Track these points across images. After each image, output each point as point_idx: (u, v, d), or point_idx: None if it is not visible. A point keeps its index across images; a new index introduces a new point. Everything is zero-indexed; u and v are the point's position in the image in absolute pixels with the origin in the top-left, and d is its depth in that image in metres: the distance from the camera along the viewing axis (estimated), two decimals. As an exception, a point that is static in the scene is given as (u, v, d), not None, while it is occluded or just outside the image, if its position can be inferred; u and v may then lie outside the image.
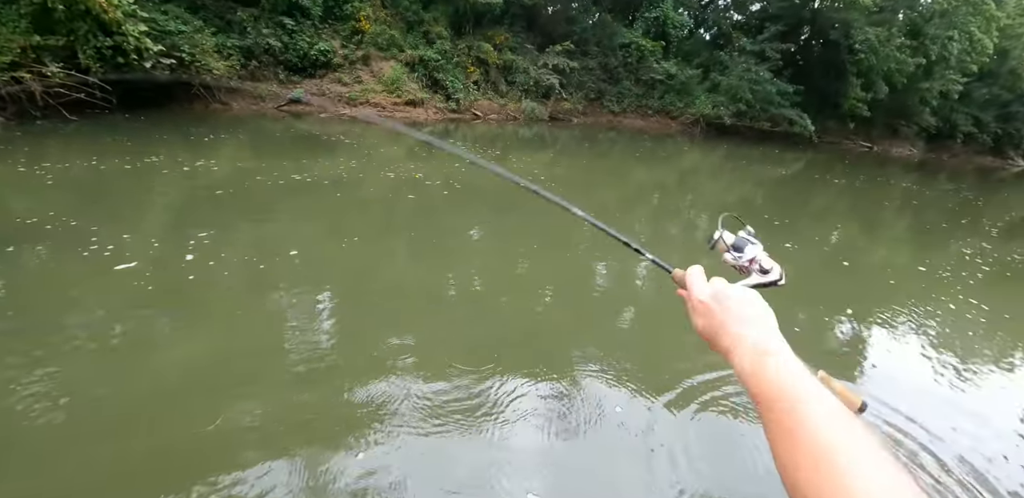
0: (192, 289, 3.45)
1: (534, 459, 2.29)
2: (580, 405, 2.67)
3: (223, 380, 2.61)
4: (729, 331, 0.53)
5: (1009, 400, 3.35)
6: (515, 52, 17.44)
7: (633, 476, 2.26)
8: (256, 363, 2.77)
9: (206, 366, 2.70)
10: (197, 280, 3.54)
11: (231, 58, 11.98)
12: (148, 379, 2.55)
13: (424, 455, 2.22)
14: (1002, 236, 8.68)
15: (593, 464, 2.32)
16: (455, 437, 2.34)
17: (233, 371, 2.69)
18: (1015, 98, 25.22)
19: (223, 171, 6.57)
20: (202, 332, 3.03)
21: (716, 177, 11.86)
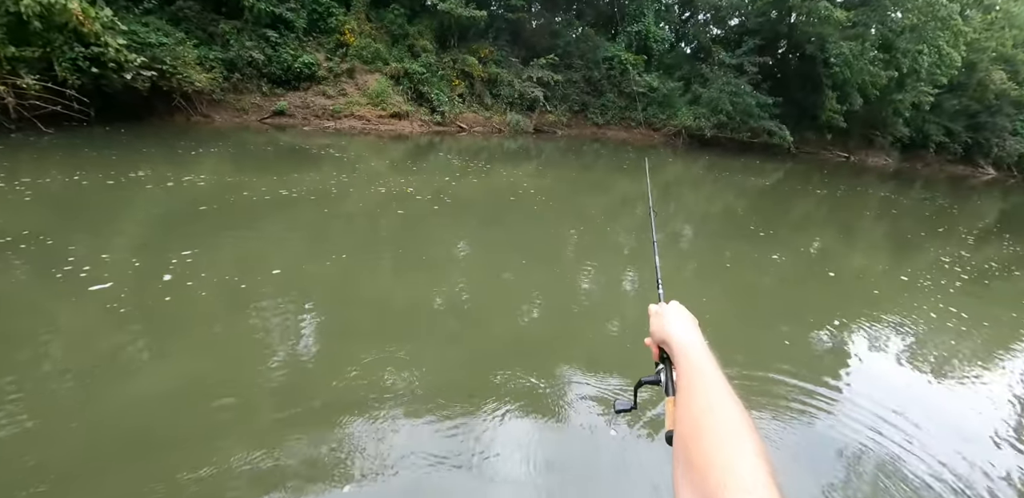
0: (168, 311, 3.32)
1: (527, 491, 2.24)
2: (573, 430, 2.63)
3: (201, 408, 2.52)
4: (665, 328, 0.80)
5: (985, 404, 3.41)
6: (500, 65, 17.62)
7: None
8: (235, 389, 2.67)
9: (182, 394, 2.60)
10: (174, 301, 3.43)
11: (213, 70, 11.91)
12: (118, 410, 2.45)
13: (413, 483, 2.17)
14: (978, 243, 8.92)
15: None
16: (444, 468, 2.27)
17: (211, 397, 2.59)
18: (983, 109, 26.16)
19: (206, 186, 6.46)
20: (176, 358, 2.91)
21: (698, 188, 12.03)
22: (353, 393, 2.70)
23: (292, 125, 12.93)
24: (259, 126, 12.33)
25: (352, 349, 3.21)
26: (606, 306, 4.39)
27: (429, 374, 2.98)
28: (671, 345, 0.76)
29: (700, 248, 6.86)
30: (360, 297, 3.98)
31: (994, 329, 4.78)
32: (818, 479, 2.52)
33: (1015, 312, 5.39)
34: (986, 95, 25.78)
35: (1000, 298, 6.01)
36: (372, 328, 3.51)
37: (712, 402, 0.59)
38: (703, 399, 0.60)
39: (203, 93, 11.65)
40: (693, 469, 0.52)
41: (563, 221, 7.02)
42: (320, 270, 4.28)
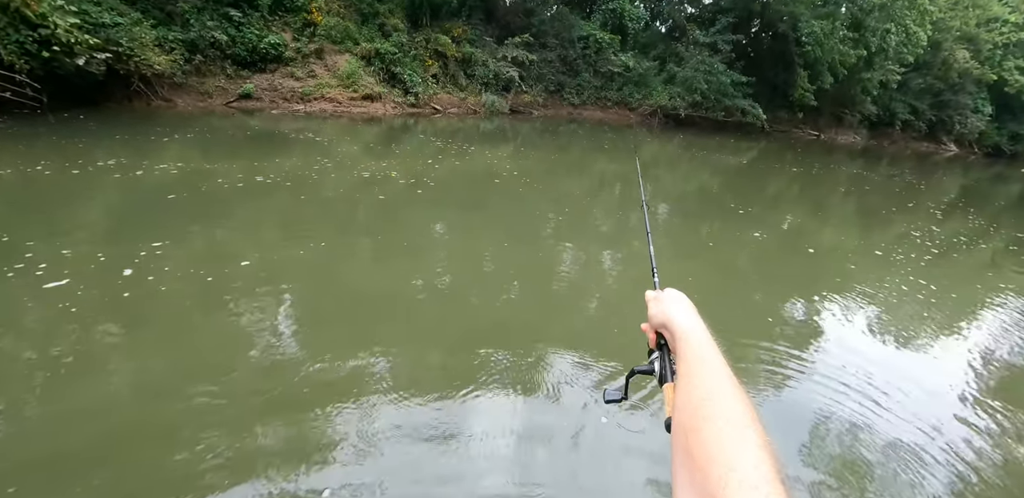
0: (126, 308, 3.15)
1: (518, 470, 2.25)
2: (558, 409, 2.67)
3: (172, 399, 2.46)
4: (666, 312, 0.78)
5: (947, 368, 3.65)
6: (474, 45, 17.27)
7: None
8: (207, 381, 2.61)
9: (150, 388, 2.53)
10: (133, 297, 3.25)
11: (173, 52, 11.37)
12: (84, 408, 2.35)
13: (398, 468, 2.18)
14: (945, 218, 9.30)
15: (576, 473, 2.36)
16: (427, 450, 2.28)
17: (182, 389, 2.53)
18: (947, 87, 26.86)
19: (170, 174, 6.22)
20: (138, 354, 2.80)
21: (675, 167, 12.15)
22: (332, 379, 2.69)
23: (260, 109, 12.50)
24: (225, 110, 11.88)
25: (333, 335, 3.20)
26: (593, 288, 4.46)
27: (411, 358, 3.01)
28: (672, 329, 0.73)
29: (682, 227, 6.96)
30: (340, 284, 3.94)
31: (960, 300, 5.06)
32: (796, 439, 2.67)
33: (979, 283, 5.70)
34: (950, 74, 26.44)
35: (966, 270, 6.31)
36: (352, 314, 3.50)
37: (712, 390, 0.56)
38: (704, 386, 0.57)
39: (163, 76, 11.14)
40: (693, 462, 0.49)
41: (547, 203, 7.03)
42: (295, 258, 4.19)
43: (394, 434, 2.34)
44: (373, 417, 2.43)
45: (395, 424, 2.41)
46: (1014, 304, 5.11)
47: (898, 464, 2.54)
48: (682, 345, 0.68)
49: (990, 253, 7.28)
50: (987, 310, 4.90)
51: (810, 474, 2.44)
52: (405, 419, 2.44)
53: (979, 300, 5.15)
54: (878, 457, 2.58)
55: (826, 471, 2.47)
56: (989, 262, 6.89)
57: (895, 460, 2.57)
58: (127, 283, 3.42)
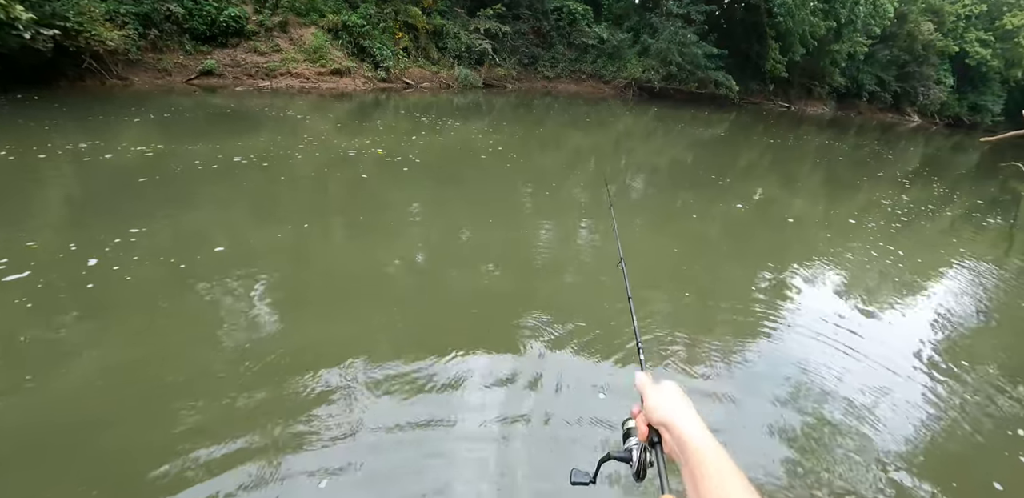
0: (90, 299, 3.01)
1: (503, 447, 2.26)
2: (540, 380, 2.73)
3: (145, 390, 2.40)
4: (671, 413, 0.72)
5: (910, 326, 3.94)
6: (445, 16, 16.78)
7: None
8: (180, 369, 2.53)
9: (120, 380, 2.45)
10: (98, 289, 3.11)
11: (126, 27, 10.76)
12: (53, 401, 2.26)
13: (384, 450, 2.17)
14: (913, 186, 9.70)
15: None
16: (415, 429, 2.28)
17: (155, 380, 2.45)
18: (912, 59, 27.40)
19: (134, 157, 5.95)
20: (104, 347, 2.68)
21: (649, 139, 12.25)
22: (312, 358, 2.66)
23: (223, 86, 12.01)
24: (186, 88, 11.38)
25: (316, 316, 3.24)
26: (570, 259, 4.58)
27: (394, 338, 3.07)
28: (681, 438, 0.67)
29: (663, 200, 7.09)
30: (322, 265, 3.92)
31: (925, 264, 5.42)
32: (772, 392, 2.87)
33: (943, 249, 6.06)
34: (914, 45, 26.92)
35: (931, 235, 6.67)
36: (335, 293, 3.51)
37: None
38: None
39: (117, 53, 10.55)
40: None
41: (524, 178, 7.07)
42: (272, 241, 4.11)
43: (374, 419, 2.32)
44: (353, 401, 2.40)
45: (375, 409, 2.38)
46: (973, 266, 5.48)
47: (861, 414, 2.76)
48: (693, 457, 0.63)
49: (952, 219, 7.69)
50: (949, 272, 5.24)
51: (783, 426, 2.62)
52: (387, 404, 2.42)
53: (942, 263, 5.50)
54: (843, 407, 2.79)
55: (797, 425, 2.65)
56: (950, 228, 7.28)
57: (859, 410, 2.79)
58: (92, 274, 3.25)
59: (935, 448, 2.57)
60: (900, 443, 2.56)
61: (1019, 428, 2.76)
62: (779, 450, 2.43)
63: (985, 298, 4.71)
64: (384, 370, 2.64)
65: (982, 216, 8.08)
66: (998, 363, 3.49)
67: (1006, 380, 3.25)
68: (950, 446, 2.61)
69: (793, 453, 2.42)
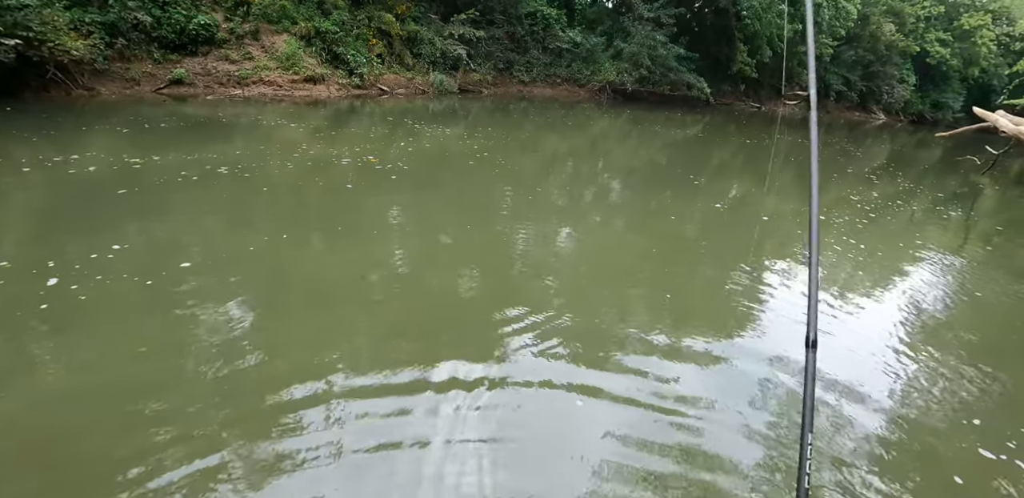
0: (51, 321, 2.87)
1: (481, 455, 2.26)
2: (526, 388, 2.74)
3: (116, 410, 2.35)
4: None
5: (876, 317, 4.08)
6: (419, 22, 16.83)
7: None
8: (155, 389, 2.46)
9: (91, 401, 2.41)
10: (54, 308, 2.97)
11: (92, 36, 10.56)
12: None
13: (363, 465, 2.14)
14: (881, 182, 10.04)
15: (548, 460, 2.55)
16: (395, 445, 2.25)
17: (128, 400, 2.39)
18: (876, 59, 28.33)
19: (100, 169, 5.80)
20: (67, 369, 2.58)
21: (625, 141, 12.45)
22: (292, 380, 2.59)
23: (194, 95, 11.85)
24: (155, 97, 11.21)
25: (302, 329, 3.25)
26: (553, 261, 4.64)
27: (376, 348, 3.11)
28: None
29: (640, 201, 7.18)
30: (300, 276, 3.90)
31: (890, 257, 5.63)
32: (744, 388, 2.95)
33: (906, 241, 6.31)
34: (878, 46, 27.85)
35: (897, 230, 6.91)
36: (317, 305, 3.54)
37: None
38: None
39: (83, 63, 10.35)
40: None
41: (504, 182, 7.14)
42: (241, 256, 4.05)
43: (358, 431, 2.30)
44: (335, 416, 2.38)
45: (359, 419, 2.37)
46: (934, 258, 5.72)
47: (835, 405, 2.87)
48: None
49: (916, 213, 7.99)
50: (912, 264, 5.46)
51: (760, 417, 2.71)
52: (370, 413, 2.41)
53: (906, 256, 5.72)
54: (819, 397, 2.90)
55: (774, 413, 2.75)
56: (915, 221, 7.56)
57: (832, 402, 2.89)
58: (50, 295, 3.09)
59: (898, 440, 2.68)
60: (862, 436, 2.65)
61: (975, 418, 2.88)
62: (748, 446, 2.49)
63: (946, 288, 4.92)
64: (363, 381, 2.65)
65: (944, 209, 8.42)
66: (960, 349, 3.66)
67: (968, 366, 3.41)
68: (912, 437, 2.72)
69: (761, 449, 2.48)
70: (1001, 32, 31.28)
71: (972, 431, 2.76)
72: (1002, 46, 31.74)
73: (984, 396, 3.07)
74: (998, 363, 3.47)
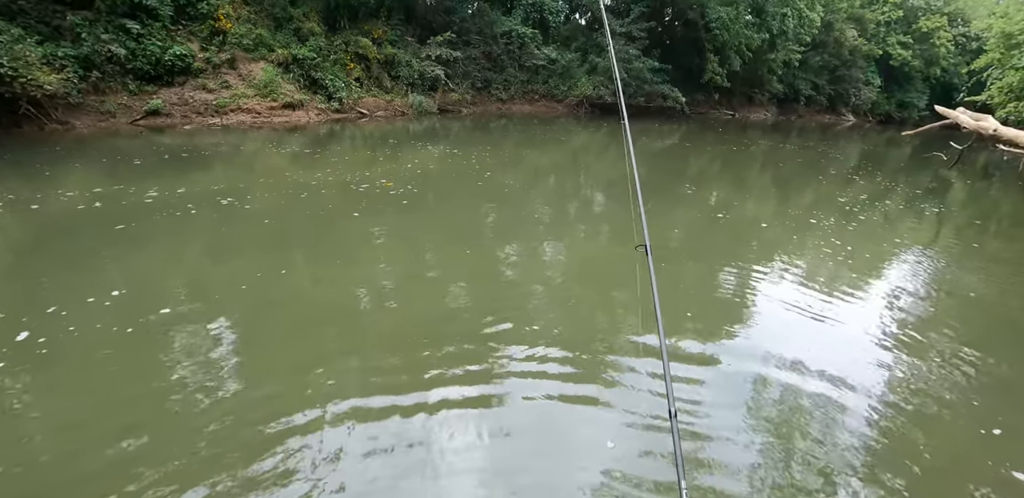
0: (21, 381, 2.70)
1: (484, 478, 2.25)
2: (515, 405, 2.73)
3: (102, 448, 2.33)
4: None
5: (862, 313, 4.17)
6: (395, 46, 17.04)
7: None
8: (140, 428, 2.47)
9: (72, 445, 2.36)
10: (38, 350, 2.87)
11: (65, 70, 10.51)
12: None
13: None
14: (865, 181, 10.35)
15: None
16: (395, 468, 2.24)
17: (112, 439, 2.35)
18: (841, 63, 29.33)
19: (75, 204, 5.70)
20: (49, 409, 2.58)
21: (604, 154, 12.60)
22: (287, 406, 2.56)
23: (171, 125, 11.80)
24: (131, 129, 11.13)
25: (295, 360, 3.19)
26: (549, 279, 4.63)
27: (368, 371, 3.06)
28: None
29: (622, 210, 7.24)
30: (292, 306, 3.89)
31: (873, 253, 5.81)
32: (742, 390, 2.98)
33: (888, 236, 6.51)
34: (842, 51, 28.85)
35: (877, 226, 7.11)
36: (310, 333, 3.49)
37: None
38: None
39: (56, 97, 10.27)
40: None
41: (489, 200, 7.16)
42: (224, 292, 4.00)
43: (355, 464, 2.28)
44: (330, 445, 2.35)
45: (356, 452, 2.34)
46: (913, 251, 5.93)
47: (823, 400, 2.92)
48: None
49: (894, 209, 8.20)
50: (893, 259, 5.64)
51: (754, 414, 2.77)
52: (369, 444, 2.37)
53: (887, 251, 5.91)
54: (809, 392, 2.96)
55: (767, 414, 2.79)
56: (893, 217, 7.76)
57: (822, 398, 2.94)
58: (14, 352, 2.92)
59: (895, 427, 2.69)
60: (862, 426, 2.71)
61: (972, 400, 2.92)
62: (751, 436, 2.58)
63: (925, 279, 5.07)
64: (359, 413, 2.60)
65: (919, 204, 8.67)
66: (947, 337, 3.77)
67: (951, 354, 3.48)
68: (910, 422, 2.74)
69: (766, 437, 2.58)
70: (958, 33, 32.58)
71: (968, 413, 2.86)
72: (959, 46, 33.02)
73: (974, 379, 3.12)
74: (987, 348, 3.58)
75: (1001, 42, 15.42)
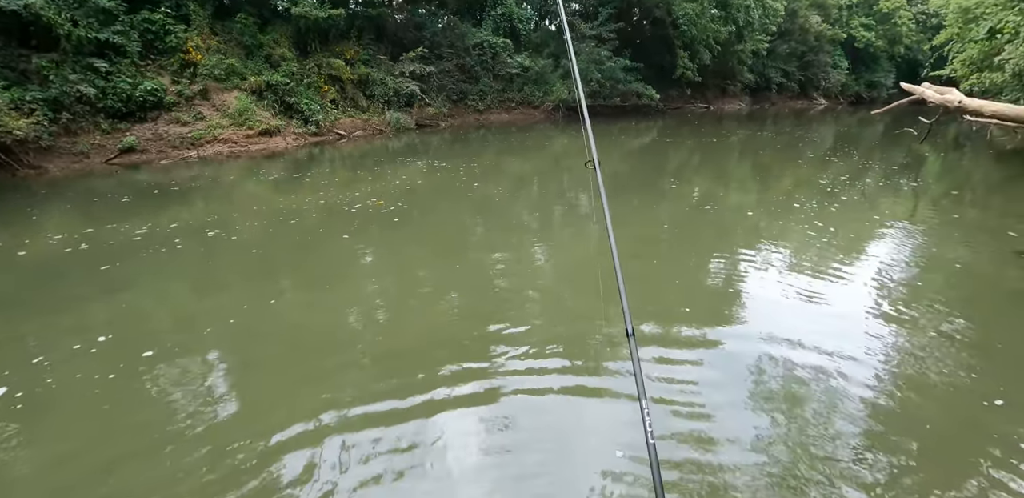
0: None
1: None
2: (519, 414, 2.70)
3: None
4: None
5: (847, 294, 4.17)
6: (368, 65, 17.09)
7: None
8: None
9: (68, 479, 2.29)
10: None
11: (35, 113, 10.39)
12: None
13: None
14: (843, 164, 10.44)
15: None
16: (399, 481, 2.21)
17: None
18: (808, 49, 29.86)
19: (46, 250, 5.52)
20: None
21: (585, 157, 12.64)
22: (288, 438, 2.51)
23: (147, 161, 11.67)
24: (106, 168, 10.98)
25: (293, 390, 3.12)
26: (538, 285, 4.58)
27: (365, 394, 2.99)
28: None
29: (627, 207, 7.19)
30: (293, 336, 3.82)
31: (856, 230, 5.89)
32: (743, 363, 3.02)
33: (867, 222, 6.47)
34: (808, 37, 29.37)
35: (858, 203, 7.20)
36: (307, 360, 3.42)
37: None
38: None
39: (27, 142, 10.13)
40: None
41: (470, 211, 7.12)
42: (213, 327, 3.95)
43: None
44: (338, 459, 2.34)
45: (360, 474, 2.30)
46: (894, 226, 6.01)
47: (820, 376, 2.92)
48: None
49: (874, 188, 8.29)
50: (876, 234, 5.71)
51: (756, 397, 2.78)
52: (372, 462, 2.35)
53: (870, 228, 5.98)
54: (806, 369, 2.99)
55: (766, 396, 2.78)
56: (873, 193, 7.84)
57: (820, 374, 2.94)
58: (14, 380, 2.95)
59: (893, 396, 2.67)
60: (857, 400, 2.71)
61: (967, 371, 2.90)
62: (750, 413, 2.64)
63: (909, 253, 5.15)
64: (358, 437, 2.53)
65: (896, 180, 8.80)
66: (935, 309, 3.82)
67: (942, 325, 3.50)
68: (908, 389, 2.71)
69: (766, 415, 2.62)
70: (917, 11, 33.35)
71: (968, 384, 2.87)
72: (920, 23, 33.78)
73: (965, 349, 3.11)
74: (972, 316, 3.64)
75: (959, 17, 15.76)
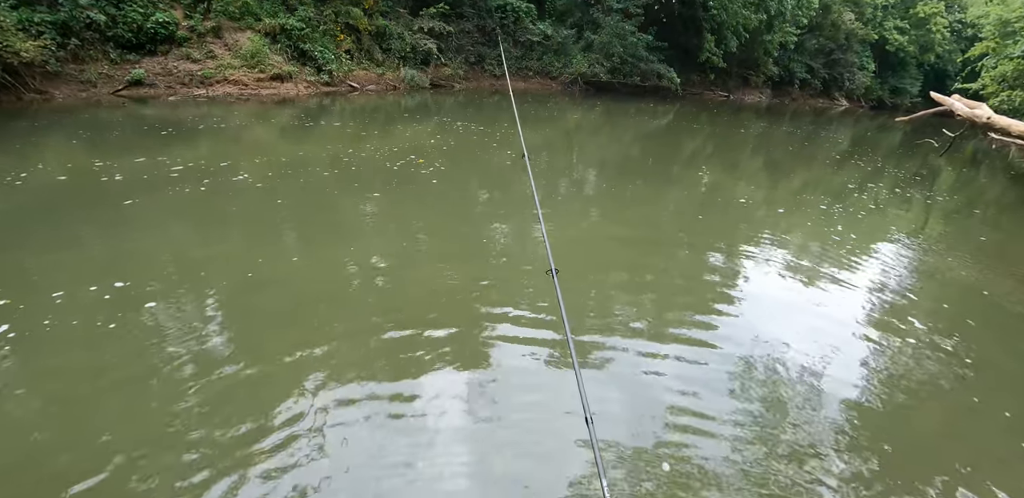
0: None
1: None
2: (506, 376, 2.84)
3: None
4: None
5: (852, 296, 4.26)
6: (387, 17, 16.55)
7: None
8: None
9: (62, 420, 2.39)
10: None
11: (43, 36, 10.08)
12: None
13: (356, 463, 2.17)
14: (873, 172, 10.41)
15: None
16: (389, 471, 2.18)
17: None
18: (837, 47, 29.13)
19: (52, 178, 5.47)
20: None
21: (598, 133, 12.53)
22: (276, 382, 2.57)
23: (155, 96, 11.44)
24: (113, 100, 10.78)
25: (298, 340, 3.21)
26: (534, 254, 4.67)
27: (361, 351, 3.10)
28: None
29: (638, 193, 7.20)
30: (308, 291, 3.90)
31: (862, 238, 5.87)
32: (732, 364, 3.08)
33: (877, 222, 6.62)
34: (838, 34, 28.62)
35: (868, 211, 7.21)
36: (308, 315, 3.50)
37: None
38: None
39: (33, 65, 9.86)
40: None
41: (479, 181, 7.12)
42: (210, 272, 4.04)
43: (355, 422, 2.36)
44: (331, 415, 2.39)
45: (356, 413, 2.41)
46: (901, 238, 6.07)
47: (809, 377, 3.03)
48: None
49: (885, 197, 8.32)
50: (882, 244, 5.73)
51: (747, 389, 2.86)
52: (364, 407, 2.45)
53: (876, 237, 6.01)
54: (790, 378, 3.04)
55: (758, 391, 2.89)
56: (883, 202, 7.89)
57: (808, 374, 3.05)
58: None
59: (877, 402, 2.83)
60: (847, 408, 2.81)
61: (948, 383, 3.06)
62: (739, 412, 2.67)
63: (911, 264, 5.21)
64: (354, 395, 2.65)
65: (909, 190, 8.86)
66: (934, 322, 3.88)
67: (935, 338, 3.60)
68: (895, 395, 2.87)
69: (753, 414, 2.66)
70: (954, 19, 32.47)
71: (956, 391, 3.00)
72: (955, 33, 32.97)
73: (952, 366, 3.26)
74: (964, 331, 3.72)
75: (997, 29, 15.44)
